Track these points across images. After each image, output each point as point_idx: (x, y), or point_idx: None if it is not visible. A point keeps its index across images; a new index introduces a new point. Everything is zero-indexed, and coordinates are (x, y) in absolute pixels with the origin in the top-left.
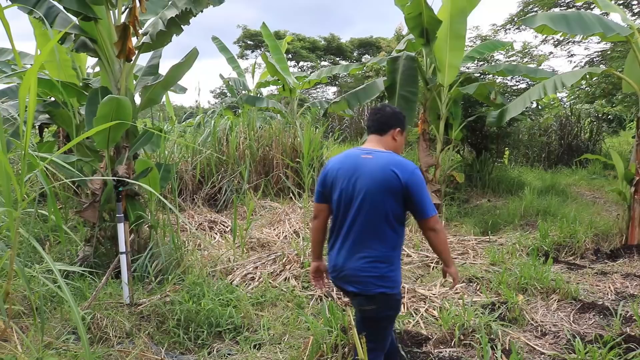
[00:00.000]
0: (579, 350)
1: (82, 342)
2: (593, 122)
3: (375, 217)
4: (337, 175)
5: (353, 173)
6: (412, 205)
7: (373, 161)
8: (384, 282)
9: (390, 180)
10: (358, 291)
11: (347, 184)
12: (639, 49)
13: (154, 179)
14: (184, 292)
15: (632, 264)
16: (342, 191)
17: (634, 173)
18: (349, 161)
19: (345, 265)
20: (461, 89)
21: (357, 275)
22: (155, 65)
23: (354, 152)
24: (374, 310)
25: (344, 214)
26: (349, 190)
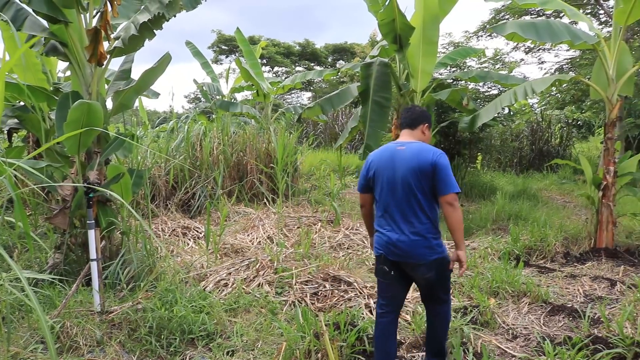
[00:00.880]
0: (549, 352)
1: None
2: (563, 127)
3: (414, 198)
4: (378, 167)
5: (392, 163)
6: (437, 182)
7: (406, 151)
8: (435, 250)
9: (422, 164)
10: (416, 262)
11: (388, 173)
12: (605, 56)
13: (126, 184)
14: (156, 299)
15: (600, 266)
16: (385, 179)
17: (601, 178)
18: (386, 154)
19: (398, 242)
20: (434, 94)
21: (411, 249)
22: (127, 70)
23: (390, 146)
24: (434, 275)
25: (389, 198)
26: (391, 178)
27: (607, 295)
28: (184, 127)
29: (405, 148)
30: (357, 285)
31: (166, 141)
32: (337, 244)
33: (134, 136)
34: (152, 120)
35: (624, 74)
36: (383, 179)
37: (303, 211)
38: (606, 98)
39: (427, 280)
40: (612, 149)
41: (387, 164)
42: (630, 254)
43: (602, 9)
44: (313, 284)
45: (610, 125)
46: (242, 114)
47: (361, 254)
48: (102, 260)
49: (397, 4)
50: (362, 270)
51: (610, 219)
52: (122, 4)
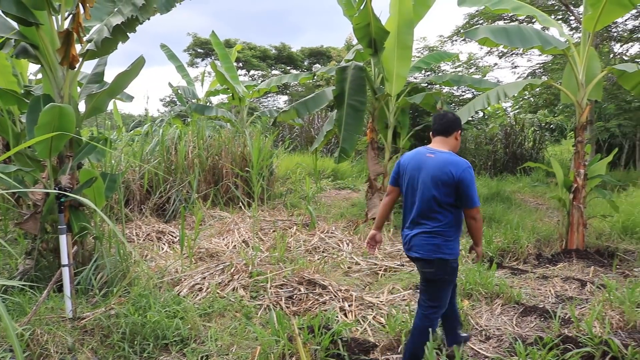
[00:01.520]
0: (520, 353)
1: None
2: (536, 131)
3: (429, 203)
4: (407, 167)
5: (418, 168)
6: (460, 196)
7: (434, 160)
8: (440, 250)
9: (445, 176)
10: (419, 256)
11: (413, 175)
12: (574, 61)
13: (99, 189)
14: (129, 304)
15: (571, 267)
16: (410, 180)
17: (572, 180)
18: (417, 158)
19: (410, 236)
20: (408, 98)
21: (418, 245)
22: (100, 73)
23: (422, 150)
24: (432, 273)
25: (410, 198)
26: (414, 181)
27: (578, 295)
28: (158, 130)
29: (434, 156)
30: (332, 289)
31: (141, 145)
32: (313, 247)
33: (107, 140)
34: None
35: (593, 79)
36: (408, 180)
37: (279, 215)
38: (576, 102)
39: (425, 275)
40: (582, 152)
41: (414, 168)
42: (600, 254)
43: (573, 15)
44: (288, 288)
45: (580, 129)
46: (218, 118)
47: (336, 257)
48: (75, 265)
49: (372, 9)
50: (337, 273)
51: (580, 221)
52: (94, 7)
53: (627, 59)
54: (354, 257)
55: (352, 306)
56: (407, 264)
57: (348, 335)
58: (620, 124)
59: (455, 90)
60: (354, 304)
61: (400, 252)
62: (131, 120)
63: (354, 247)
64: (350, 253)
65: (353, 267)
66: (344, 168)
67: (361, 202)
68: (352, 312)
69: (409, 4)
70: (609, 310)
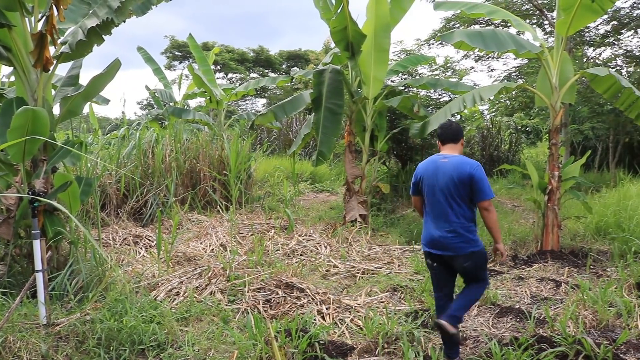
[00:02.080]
0: (496, 353)
1: None
2: (513, 133)
3: (450, 201)
4: (425, 174)
5: (436, 172)
6: (474, 191)
7: (449, 163)
8: (470, 244)
9: (461, 175)
10: (454, 254)
11: (432, 181)
12: (548, 65)
13: (74, 193)
14: (105, 309)
15: (547, 268)
16: (430, 185)
17: (547, 182)
18: (432, 165)
19: (440, 237)
20: (385, 101)
21: (448, 243)
22: (75, 76)
23: (435, 158)
24: (471, 264)
25: (432, 201)
26: (434, 184)
27: (553, 295)
28: (135, 134)
29: (447, 161)
30: (310, 292)
31: (117, 148)
32: (291, 250)
33: (82, 143)
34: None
35: (566, 82)
36: (428, 186)
37: (257, 218)
38: (550, 105)
39: (466, 269)
40: (557, 154)
41: (432, 174)
42: (575, 255)
43: (547, 19)
44: (266, 291)
45: (554, 132)
46: (195, 121)
47: (314, 261)
48: (49, 271)
49: (349, 12)
50: (315, 276)
51: (555, 222)
52: (69, 8)
53: (600, 63)
54: (332, 260)
55: (329, 309)
56: (384, 267)
57: (325, 338)
58: (593, 126)
59: (432, 93)
60: (332, 306)
61: (378, 255)
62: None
63: (332, 250)
64: (328, 256)
65: (331, 270)
66: (322, 171)
67: (339, 205)
68: (329, 315)
69: (386, 7)
70: (583, 310)
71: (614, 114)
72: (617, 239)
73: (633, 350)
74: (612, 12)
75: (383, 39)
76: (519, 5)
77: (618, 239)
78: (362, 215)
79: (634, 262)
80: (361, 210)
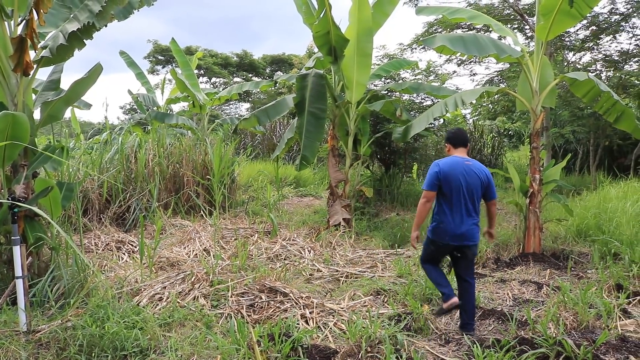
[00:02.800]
0: (478, 355)
1: None
2: (495, 137)
3: (475, 200)
4: (450, 174)
5: (462, 173)
6: (488, 191)
7: (472, 166)
8: (479, 234)
9: (482, 178)
10: (473, 243)
11: (459, 181)
12: (528, 69)
13: (55, 198)
14: (86, 315)
15: (528, 270)
16: (457, 185)
17: (528, 185)
18: (459, 166)
19: (463, 229)
20: (368, 105)
21: (471, 234)
22: (56, 80)
23: (458, 159)
24: (474, 251)
25: (459, 198)
26: (461, 185)
27: (534, 298)
28: (118, 138)
29: (471, 164)
30: (293, 296)
31: (100, 153)
32: (274, 255)
33: (63, 148)
34: (85, 132)
35: (546, 87)
36: (454, 185)
37: (240, 223)
38: (531, 109)
39: (473, 255)
40: (538, 157)
41: (458, 173)
42: (556, 257)
43: (528, 24)
44: (249, 296)
45: (535, 135)
46: (179, 125)
47: (298, 265)
48: (30, 277)
49: (331, 17)
50: (299, 280)
51: (537, 225)
52: (49, 13)
53: (580, 67)
54: (316, 264)
55: (313, 313)
56: (368, 270)
57: (309, 342)
58: (574, 130)
59: (414, 97)
60: (315, 310)
61: (362, 259)
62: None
63: (316, 254)
64: (312, 260)
65: (315, 274)
66: (306, 175)
67: (323, 209)
68: (313, 319)
69: (368, 12)
70: (564, 311)
71: (594, 117)
72: (598, 241)
73: (612, 350)
74: (591, 17)
75: (366, 44)
76: (500, 10)
77: (598, 241)
78: (345, 219)
79: (613, 264)
80: (345, 214)
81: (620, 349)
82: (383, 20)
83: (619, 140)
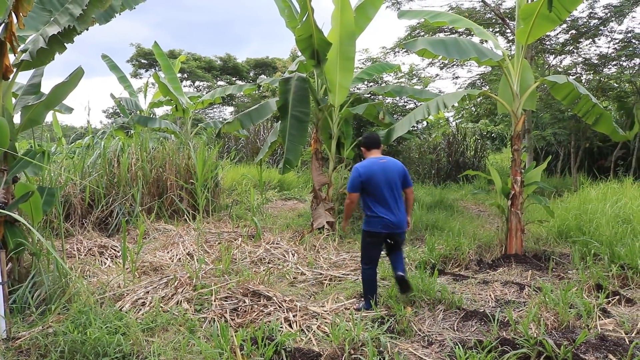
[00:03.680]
0: (460, 356)
1: None
2: (478, 140)
3: (397, 191)
4: (370, 174)
5: (381, 171)
6: (405, 180)
7: (387, 163)
8: (405, 222)
9: (398, 171)
10: (403, 230)
11: (381, 177)
12: (509, 73)
13: (36, 203)
14: (68, 321)
15: (510, 272)
16: (378, 181)
17: (510, 187)
18: (375, 165)
19: (395, 218)
20: (351, 109)
21: (402, 223)
22: (36, 84)
23: (374, 160)
24: (404, 237)
25: (384, 193)
26: (384, 180)
27: (516, 299)
28: (100, 142)
29: (385, 161)
30: (277, 300)
31: (82, 157)
32: (258, 258)
33: (44, 153)
34: (67, 136)
35: (527, 90)
36: (377, 181)
37: (224, 227)
38: (512, 112)
39: (402, 241)
40: (519, 160)
41: (377, 171)
42: (538, 258)
43: (509, 28)
44: (233, 300)
45: (516, 138)
46: (162, 129)
47: (282, 268)
48: (10, 283)
49: (314, 20)
50: (282, 284)
51: (519, 227)
52: (29, 16)
53: (561, 70)
54: (300, 267)
55: (296, 316)
56: (351, 273)
57: (292, 346)
58: (555, 132)
59: (397, 100)
60: (299, 314)
61: (345, 262)
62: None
63: (300, 257)
64: (296, 263)
65: (299, 277)
66: (290, 179)
67: (307, 212)
68: (296, 322)
69: (351, 16)
70: (545, 312)
71: (575, 120)
72: (578, 242)
73: (592, 349)
74: (571, 21)
75: (348, 47)
76: (481, 14)
77: (579, 242)
78: (329, 223)
79: (593, 264)
80: (328, 218)
81: (599, 347)
82: (365, 23)
83: (599, 142)
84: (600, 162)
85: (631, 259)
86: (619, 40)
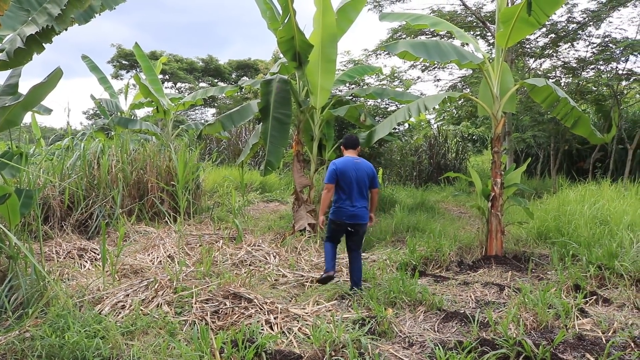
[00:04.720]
0: (440, 357)
1: None
2: (459, 142)
3: (364, 188)
4: (344, 170)
5: (354, 169)
6: (373, 182)
7: (360, 164)
8: (367, 216)
9: (370, 171)
10: (364, 222)
11: (352, 175)
12: (489, 75)
13: (13, 206)
14: (46, 325)
15: (491, 273)
16: (352, 177)
17: (490, 189)
18: (350, 163)
19: (359, 212)
20: (333, 111)
21: (362, 215)
22: (14, 85)
23: (349, 159)
24: (365, 228)
25: (351, 188)
26: (355, 176)
27: (496, 299)
28: (80, 144)
29: (359, 161)
30: (258, 302)
31: (61, 159)
32: (239, 260)
33: (22, 154)
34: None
35: (506, 92)
36: (348, 178)
37: (206, 229)
38: (492, 114)
39: (363, 232)
40: (499, 162)
41: (351, 169)
42: (518, 260)
43: (490, 31)
44: (214, 302)
45: (496, 140)
46: (143, 131)
47: (263, 270)
48: None
49: (295, 22)
50: (263, 286)
51: (499, 228)
52: (6, 15)
53: (541, 73)
54: (281, 269)
55: (277, 318)
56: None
57: (273, 348)
58: (535, 134)
59: (379, 102)
60: (280, 316)
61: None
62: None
63: (281, 259)
64: (277, 265)
65: (280, 279)
66: (272, 180)
67: (289, 214)
68: (277, 324)
69: (333, 18)
70: (524, 312)
71: (554, 122)
72: (557, 243)
73: (570, 349)
74: (550, 25)
75: (330, 49)
76: (462, 17)
77: (558, 243)
78: (311, 224)
79: (572, 265)
80: (310, 220)
81: (577, 347)
82: (347, 26)
83: (578, 145)
84: (579, 164)
85: (608, 260)
86: (596, 45)
